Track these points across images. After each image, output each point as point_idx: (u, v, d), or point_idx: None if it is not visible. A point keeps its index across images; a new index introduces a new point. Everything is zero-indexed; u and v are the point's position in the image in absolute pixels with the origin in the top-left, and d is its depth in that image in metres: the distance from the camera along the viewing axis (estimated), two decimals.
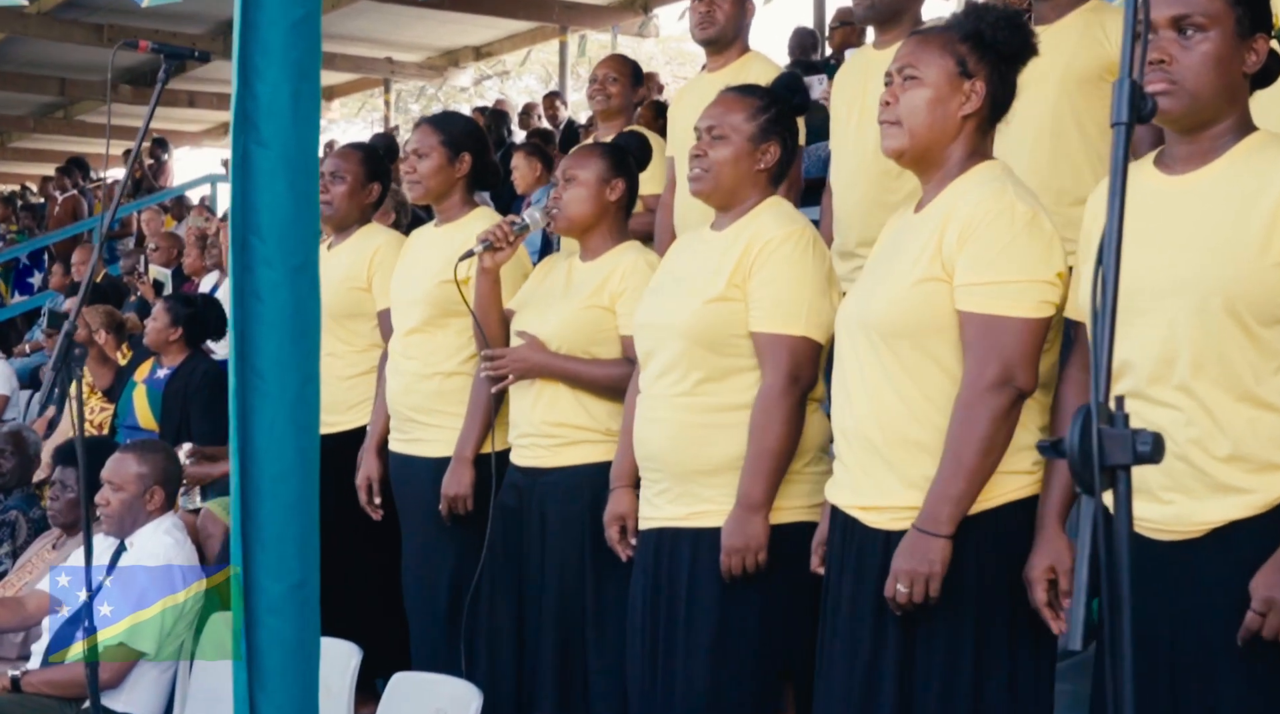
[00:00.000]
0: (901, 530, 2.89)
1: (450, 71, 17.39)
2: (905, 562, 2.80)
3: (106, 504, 4.69)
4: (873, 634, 2.92)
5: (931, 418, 2.88)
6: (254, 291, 2.23)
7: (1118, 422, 1.40)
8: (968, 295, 2.82)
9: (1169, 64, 2.49)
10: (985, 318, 2.81)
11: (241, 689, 2.26)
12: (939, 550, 2.78)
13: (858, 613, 2.95)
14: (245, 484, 2.24)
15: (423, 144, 4.45)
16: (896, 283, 2.90)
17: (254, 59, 2.22)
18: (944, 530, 2.80)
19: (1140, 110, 1.48)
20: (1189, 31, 2.50)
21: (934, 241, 2.87)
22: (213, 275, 9.31)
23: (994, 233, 2.81)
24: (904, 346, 2.89)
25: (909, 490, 2.89)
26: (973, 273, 2.81)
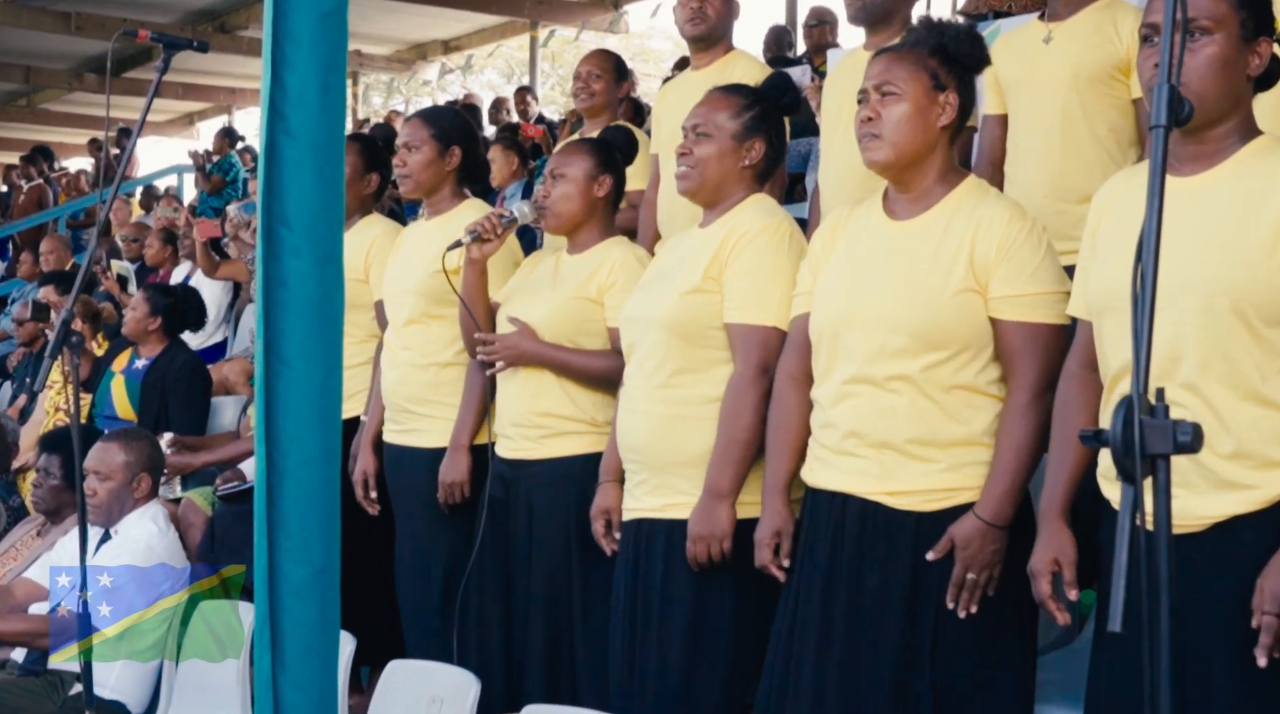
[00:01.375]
0: (935, 510, 3.01)
1: (418, 65, 17.38)
2: (976, 551, 2.95)
3: (94, 494, 4.70)
4: (903, 612, 3.01)
5: (965, 414, 3.01)
6: (281, 280, 2.25)
7: (1158, 413, 1.46)
8: (1011, 306, 2.99)
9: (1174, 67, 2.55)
10: (1030, 326, 2.99)
11: (265, 671, 2.28)
12: (1002, 541, 2.95)
13: (888, 593, 3.03)
14: (270, 470, 2.26)
15: (413, 138, 4.48)
16: (934, 292, 3.01)
17: (285, 50, 2.24)
18: (1005, 523, 2.96)
19: (1178, 114, 1.53)
20: (1195, 35, 2.56)
21: (964, 254, 3.00)
22: (184, 267, 9.30)
23: (1030, 248, 3.00)
24: (939, 352, 3.01)
25: (948, 473, 3.01)
26: (1014, 285, 2.98)
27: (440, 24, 15.36)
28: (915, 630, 3.00)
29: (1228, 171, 2.61)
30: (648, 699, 3.48)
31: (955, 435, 3.01)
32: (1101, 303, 2.70)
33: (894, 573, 3.03)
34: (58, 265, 10.62)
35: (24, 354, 9.08)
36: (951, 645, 2.99)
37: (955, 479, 3.01)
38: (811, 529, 3.19)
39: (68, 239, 11.90)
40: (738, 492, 3.40)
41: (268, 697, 2.29)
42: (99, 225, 4.03)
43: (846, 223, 3.26)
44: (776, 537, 3.25)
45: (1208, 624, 2.55)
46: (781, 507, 3.26)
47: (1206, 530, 2.57)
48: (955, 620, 2.98)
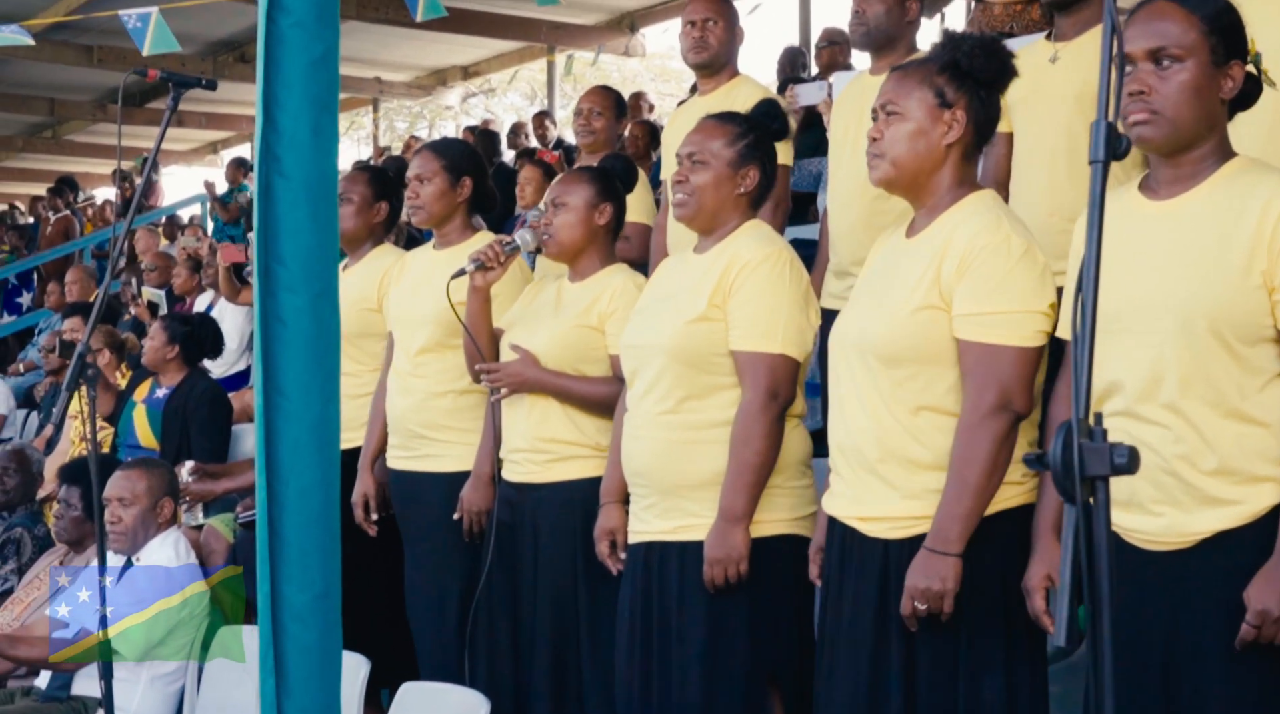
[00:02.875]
0: (900, 539, 3.02)
1: (438, 91, 17.50)
2: (920, 580, 2.92)
3: (118, 521, 4.78)
4: (874, 638, 3.03)
5: (929, 437, 3.00)
6: (277, 316, 2.33)
7: (1097, 436, 1.52)
8: (967, 324, 2.95)
9: (1148, 94, 2.62)
10: (984, 347, 2.94)
11: (269, 694, 2.36)
12: (951, 568, 2.90)
13: (859, 618, 3.07)
14: (271, 499, 2.34)
15: (425, 169, 4.55)
16: (895, 309, 3.02)
17: (276, 93, 2.33)
18: (954, 549, 2.92)
19: (1115, 149, 1.60)
20: (1165, 63, 2.62)
21: (932, 270, 2.99)
22: (207, 295, 9.40)
23: (992, 265, 2.94)
24: (902, 370, 3.00)
25: (907, 501, 3.01)
26: (972, 303, 2.94)
27: (459, 50, 15.46)
28: (882, 654, 3.03)
29: (1203, 194, 2.66)
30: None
31: (920, 459, 3.01)
32: None
33: (864, 597, 3.07)
34: (82, 296, 10.73)
35: (50, 384, 9.19)
36: (925, 668, 3.00)
37: (916, 507, 3.01)
38: (826, 550, 3.27)
39: (93, 270, 12.02)
40: (751, 515, 3.47)
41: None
42: (114, 256, 4.12)
43: (883, 244, 3.32)
44: (820, 552, 3.32)
45: (1200, 636, 2.61)
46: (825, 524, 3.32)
47: (1195, 546, 2.62)
48: (926, 644, 2.99)
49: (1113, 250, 2.62)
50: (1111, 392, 2.69)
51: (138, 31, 6.63)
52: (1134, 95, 2.62)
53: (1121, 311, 2.63)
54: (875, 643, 3.03)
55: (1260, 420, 2.60)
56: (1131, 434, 2.58)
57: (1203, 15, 2.63)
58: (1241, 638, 2.53)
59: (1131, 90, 2.62)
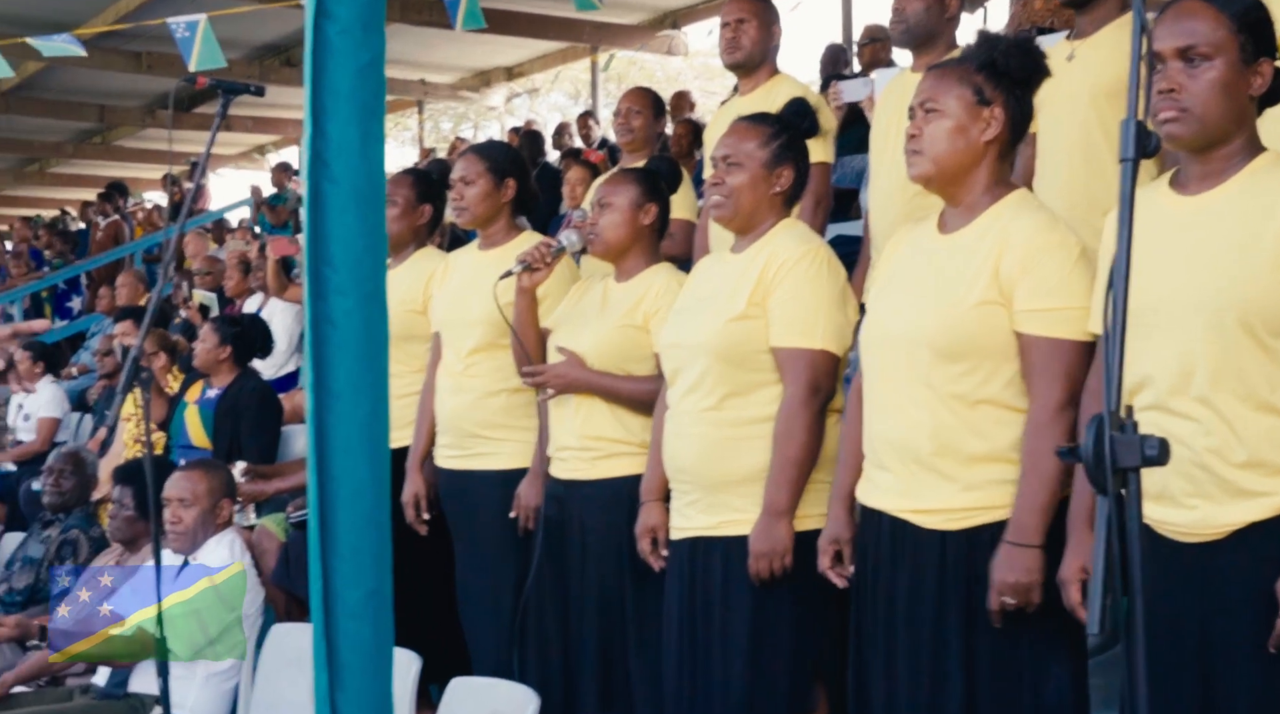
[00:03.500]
0: (958, 530, 3.06)
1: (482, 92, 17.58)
2: (1008, 574, 2.95)
3: (178, 521, 4.86)
4: (934, 630, 3.07)
5: (988, 430, 3.05)
6: (328, 318, 2.38)
7: (1128, 429, 1.55)
8: (1033, 320, 3.00)
9: (1178, 92, 2.64)
10: (1052, 341, 2.99)
11: (323, 689, 2.41)
12: (1036, 559, 2.95)
13: (917, 611, 3.10)
14: (322, 498, 2.39)
15: (469, 172, 4.62)
16: (954, 305, 3.05)
17: (324, 101, 2.37)
18: (1037, 541, 2.96)
19: (1145, 147, 1.63)
20: (1195, 61, 2.65)
21: (989, 267, 3.03)
22: (256, 297, 9.50)
23: (1055, 262, 3.00)
24: (961, 365, 3.05)
25: (967, 493, 3.05)
26: (1038, 299, 3.00)
27: (503, 51, 15.54)
28: (942, 646, 3.06)
29: (1233, 189, 2.68)
30: (713, 712, 3.59)
31: (975, 451, 3.05)
32: None
33: (920, 592, 3.10)
34: (132, 300, 10.86)
35: (103, 387, 9.31)
36: (984, 660, 3.04)
37: (975, 498, 3.05)
38: (860, 544, 3.30)
39: (143, 274, 12.16)
40: (794, 509, 3.52)
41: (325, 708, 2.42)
42: (166, 260, 4.18)
43: (904, 239, 3.35)
44: (835, 544, 3.36)
45: (1234, 626, 2.62)
46: (842, 515, 3.37)
47: (1226, 538, 2.64)
48: (984, 635, 3.03)
49: (1143, 246, 2.64)
50: (1142, 386, 2.71)
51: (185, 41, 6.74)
52: (1163, 93, 2.65)
53: (1152, 307, 2.65)
54: (935, 634, 3.07)
55: None
56: (1162, 428, 2.60)
57: (1231, 13, 2.65)
58: (1276, 635, 2.55)
59: (1161, 88, 2.65)
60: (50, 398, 9.45)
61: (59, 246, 16.41)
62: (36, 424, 9.30)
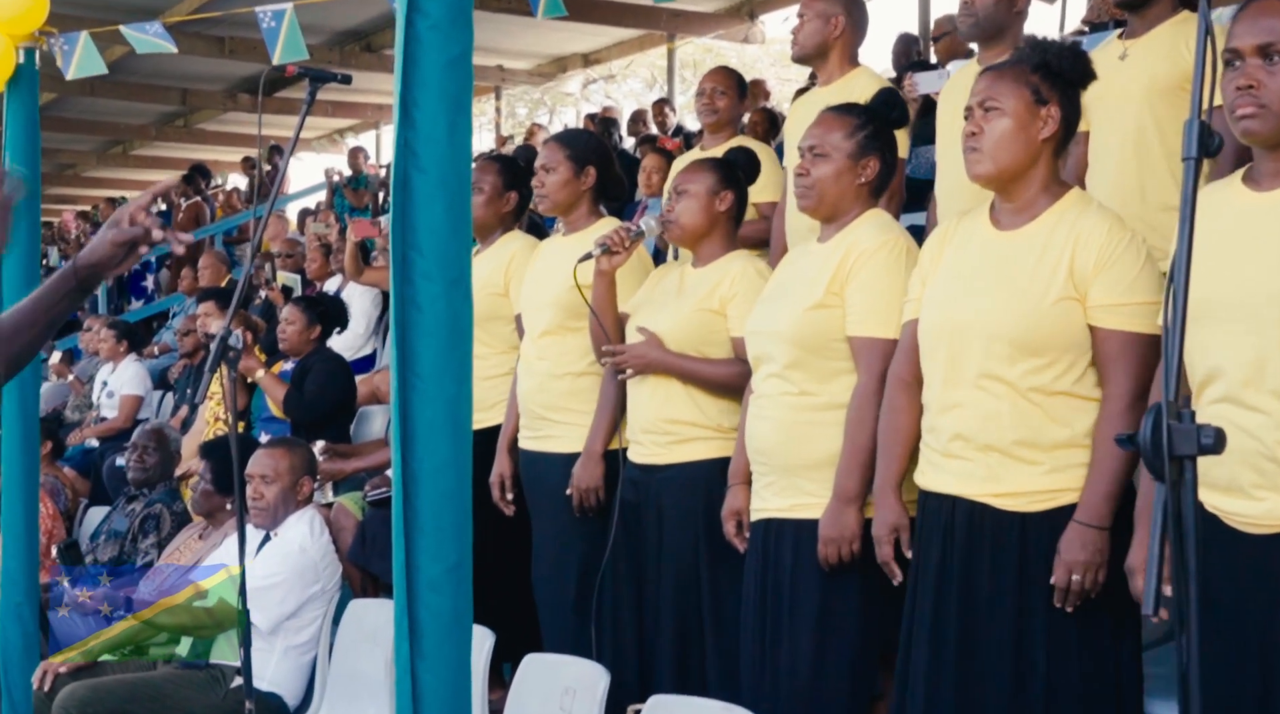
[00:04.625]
0: (1039, 511, 3.14)
1: (559, 78, 17.67)
2: (1077, 553, 3.06)
3: (260, 497, 4.99)
4: (1015, 611, 3.14)
5: (1068, 417, 3.14)
6: (414, 302, 2.47)
7: (1185, 418, 1.61)
8: (1111, 314, 3.10)
9: (1257, 89, 2.68)
10: (1127, 335, 3.09)
11: (404, 659, 2.51)
12: (1104, 541, 3.06)
13: (1001, 591, 3.16)
14: (406, 476, 2.49)
15: (550, 159, 4.71)
16: (1034, 300, 3.13)
17: (414, 93, 2.47)
18: (1105, 523, 3.07)
19: (1208, 147, 1.68)
20: (1275, 58, 2.68)
21: (1064, 265, 3.12)
22: (335, 279, 9.63)
23: (1129, 259, 3.10)
24: (1041, 358, 3.13)
25: (1050, 476, 3.14)
26: (1115, 294, 3.09)
27: (579, 38, 15.60)
28: (1026, 629, 3.13)
29: None
30: (780, 692, 3.66)
31: (1058, 438, 3.12)
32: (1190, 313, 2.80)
33: (1003, 573, 3.16)
34: (214, 281, 11.03)
35: (184, 366, 9.48)
36: (1063, 641, 3.11)
37: (1059, 480, 3.13)
38: (924, 530, 3.34)
39: (224, 255, 12.34)
40: (865, 495, 3.57)
41: (406, 681, 2.52)
42: (255, 242, 4.28)
43: (955, 232, 3.40)
44: (894, 532, 3.43)
45: None
46: (895, 503, 3.43)
47: None
48: (1064, 618, 3.10)
49: (1216, 240, 2.70)
50: (1213, 377, 2.75)
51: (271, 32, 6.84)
52: (1241, 89, 2.69)
53: (1225, 300, 2.69)
54: (1018, 614, 3.14)
55: None
56: (1232, 420, 2.64)
57: None
58: None
59: (1240, 84, 2.69)
60: (133, 376, 9.62)
61: None
62: (120, 401, 9.48)
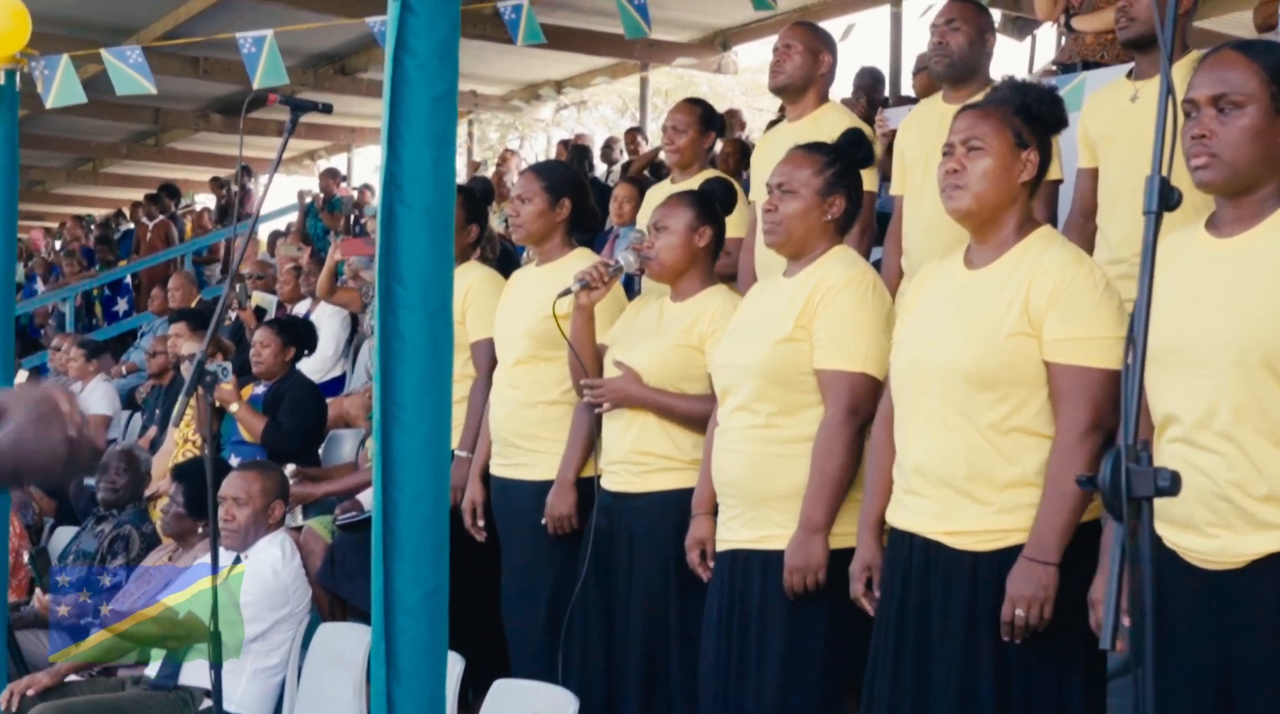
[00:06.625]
0: (990, 551, 3.18)
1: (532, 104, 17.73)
2: (1022, 588, 3.09)
3: (232, 519, 5.02)
4: (965, 646, 3.18)
5: (1020, 455, 3.18)
6: (398, 333, 2.53)
7: (1143, 461, 1.68)
8: (1062, 348, 3.14)
9: (1209, 138, 2.77)
10: (1079, 369, 3.13)
11: (380, 685, 2.56)
12: (1051, 576, 3.08)
13: (950, 628, 3.21)
14: (387, 502, 2.54)
15: (526, 190, 4.77)
16: (988, 336, 3.18)
17: (400, 129, 2.53)
18: (1053, 559, 3.09)
19: (1168, 200, 1.75)
20: (1227, 109, 2.77)
21: (1020, 299, 3.17)
22: (304, 302, 9.67)
23: (1083, 293, 3.14)
24: (995, 393, 3.17)
25: (1000, 516, 3.18)
26: (1066, 328, 3.13)
27: (553, 65, 15.65)
28: (973, 665, 3.17)
29: (1263, 232, 2.79)
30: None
31: (1009, 477, 3.17)
32: (1150, 356, 2.88)
33: (953, 610, 3.21)
34: (184, 301, 11.03)
35: (153, 386, 9.48)
36: (1009, 678, 3.15)
37: (1008, 521, 3.16)
38: (888, 566, 3.41)
39: (193, 276, 12.35)
40: (830, 526, 3.64)
41: (383, 705, 2.57)
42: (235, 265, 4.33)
43: (933, 273, 3.48)
44: (867, 570, 3.48)
45: (1250, 653, 2.73)
46: (872, 542, 3.48)
47: (1246, 567, 2.74)
48: (1012, 654, 3.14)
49: (1176, 286, 2.78)
50: (1171, 420, 2.83)
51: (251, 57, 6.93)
52: (1196, 138, 2.78)
53: (1181, 345, 2.77)
54: (967, 651, 3.18)
55: None
56: (1188, 460, 2.73)
57: (1265, 65, 2.77)
58: None
59: (1194, 134, 2.78)
60: (102, 395, 9.62)
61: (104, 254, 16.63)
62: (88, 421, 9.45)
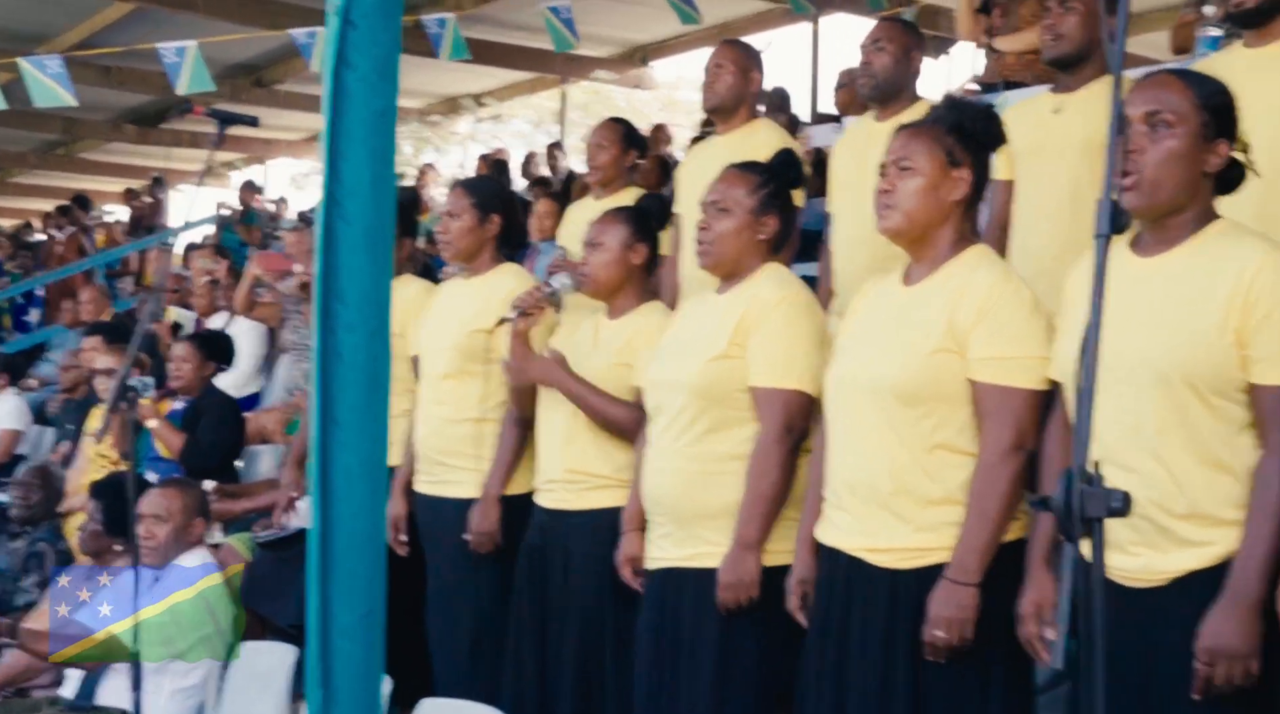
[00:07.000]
0: (909, 569, 3.18)
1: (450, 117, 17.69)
2: (943, 609, 3.09)
3: (151, 537, 4.94)
4: (883, 664, 3.19)
5: (942, 473, 3.18)
6: (336, 352, 2.49)
7: (1095, 482, 1.69)
8: (986, 367, 3.14)
9: (1138, 155, 2.81)
10: (1003, 389, 3.13)
11: (316, 705, 2.51)
12: (971, 597, 3.08)
13: (868, 645, 3.21)
14: (324, 522, 2.50)
15: (455, 206, 4.75)
16: (913, 352, 3.19)
17: (340, 145, 2.49)
18: (974, 579, 3.10)
19: (1118, 223, 1.77)
20: (1158, 127, 2.81)
21: (945, 316, 3.17)
22: (221, 316, 9.56)
23: (1009, 313, 3.15)
24: (918, 410, 3.18)
25: (920, 534, 3.18)
26: (991, 347, 3.14)
27: (472, 79, 15.65)
28: (889, 684, 3.17)
29: (1185, 254, 2.84)
30: None
31: (931, 494, 3.18)
32: (1070, 374, 2.88)
33: (871, 628, 3.22)
34: (96, 314, 10.84)
35: (65, 400, 9.33)
36: (926, 697, 3.15)
37: (928, 539, 3.17)
38: (817, 582, 3.42)
39: (106, 289, 12.16)
40: (764, 543, 3.64)
41: None
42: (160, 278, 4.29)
43: (873, 290, 3.49)
44: (802, 584, 3.47)
45: (1170, 670, 2.76)
46: (808, 556, 3.47)
47: (1168, 585, 2.79)
48: (929, 673, 3.14)
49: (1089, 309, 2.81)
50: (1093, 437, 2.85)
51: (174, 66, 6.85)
52: (1127, 154, 2.81)
53: (1106, 364, 2.79)
54: (884, 669, 3.18)
55: (1231, 469, 2.77)
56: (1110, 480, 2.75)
57: (1199, 92, 2.82)
58: (1200, 677, 2.69)
59: (1126, 149, 2.81)
60: (12, 410, 9.44)
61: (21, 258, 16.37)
62: None
